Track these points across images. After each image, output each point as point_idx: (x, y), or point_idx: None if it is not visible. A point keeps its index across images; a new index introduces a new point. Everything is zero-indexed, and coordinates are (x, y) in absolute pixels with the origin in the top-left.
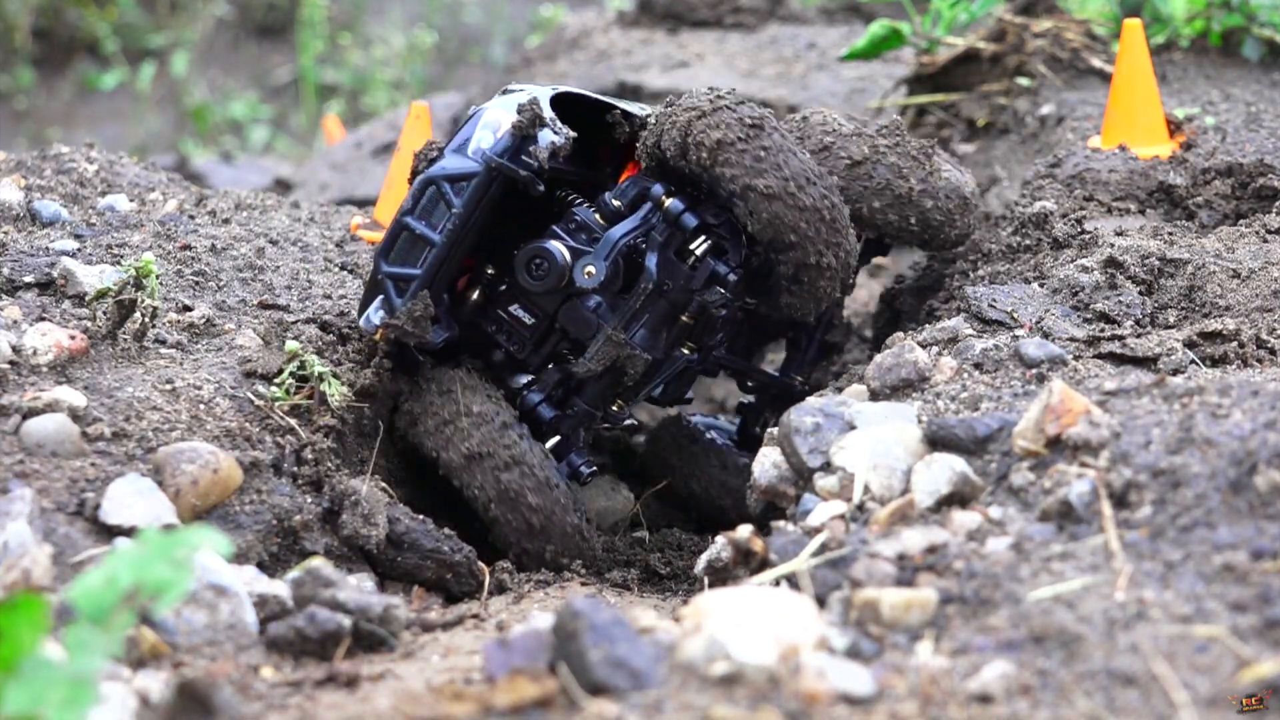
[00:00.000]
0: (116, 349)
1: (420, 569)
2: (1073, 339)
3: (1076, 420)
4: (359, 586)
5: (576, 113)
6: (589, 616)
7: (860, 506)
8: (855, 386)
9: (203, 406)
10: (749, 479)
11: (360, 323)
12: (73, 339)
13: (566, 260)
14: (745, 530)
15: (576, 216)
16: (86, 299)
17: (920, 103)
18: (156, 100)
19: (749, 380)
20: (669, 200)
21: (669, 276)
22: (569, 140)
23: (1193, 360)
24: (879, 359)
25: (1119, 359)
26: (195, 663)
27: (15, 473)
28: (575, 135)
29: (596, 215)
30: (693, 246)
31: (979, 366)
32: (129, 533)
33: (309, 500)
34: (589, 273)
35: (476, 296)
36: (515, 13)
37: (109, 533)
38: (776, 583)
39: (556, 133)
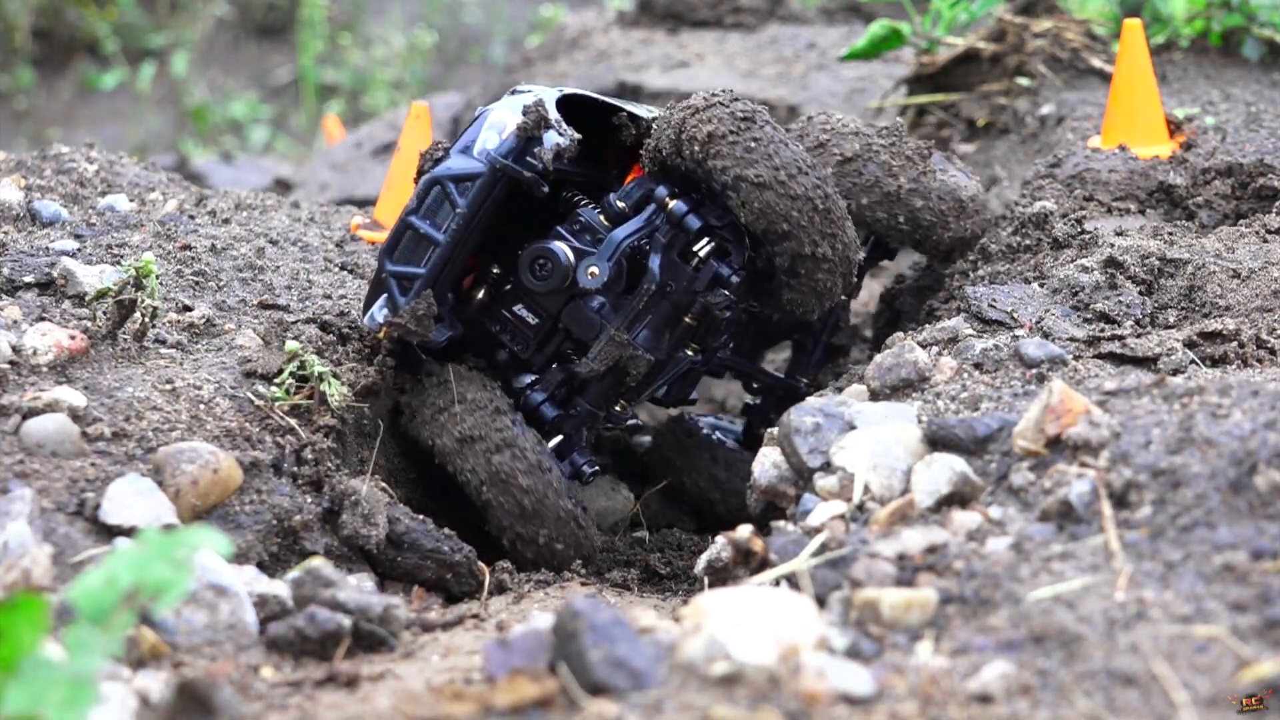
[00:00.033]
0: (116, 349)
1: (420, 569)
2: (1073, 339)
3: (1076, 420)
4: (359, 586)
5: (583, 115)
6: (589, 616)
7: (860, 506)
8: (855, 386)
9: (203, 406)
10: (749, 479)
11: (364, 320)
12: (73, 339)
13: (570, 261)
14: (745, 530)
15: (581, 217)
16: (86, 299)
17: (920, 103)
18: (156, 100)
19: (754, 382)
20: (673, 202)
21: (672, 278)
22: (574, 142)
23: (1193, 360)
24: (879, 359)
25: (1119, 359)
26: (195, 663)
27: (15, 473)
28: (580, 137)
29: (601, 216)
30: (696, 248)
31: (979, 366)
32: (129, 533)
33: (309, 500)
34: (592, 273)
35: (482, 296)
36: (515, 13)
37: (109, 533)
38: (776, 583)
39: (561, 134)
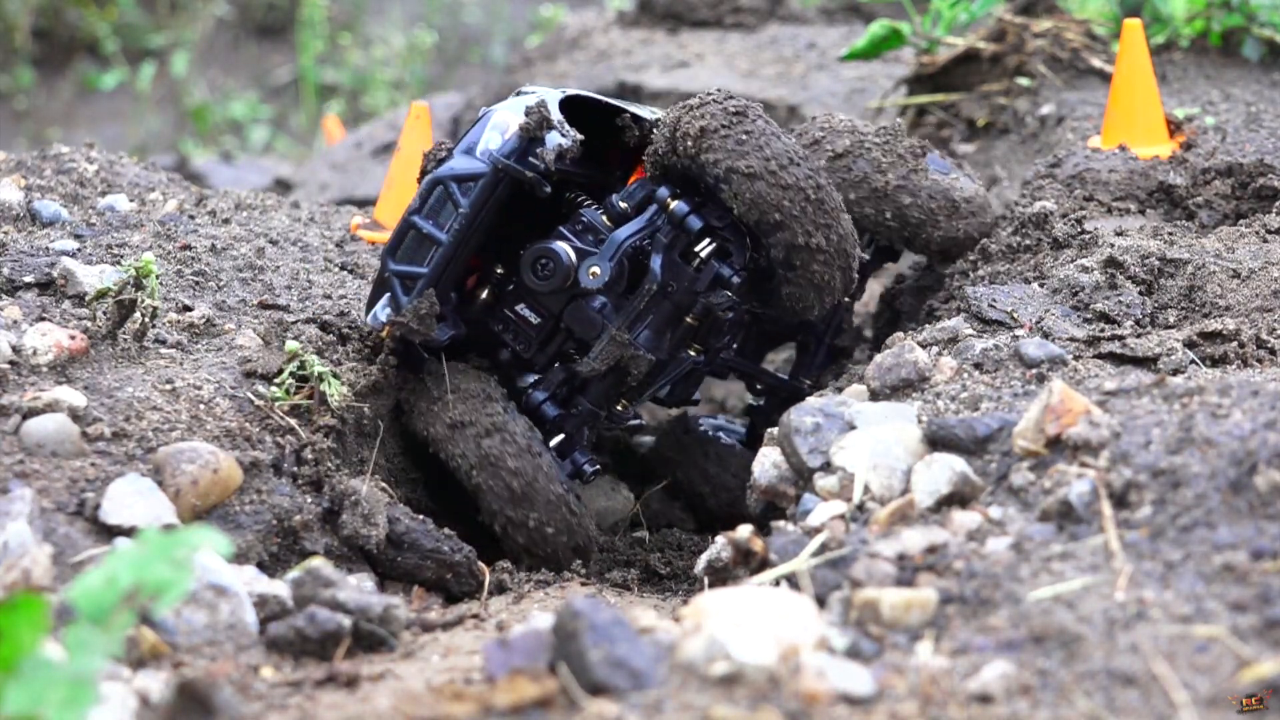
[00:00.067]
0: (116, 349)
1: (420, 569)
2: (1073, 339)
3: (1076, 420)
4: (359, 586)
5: (586, 116)
6: (589, 616)
7: (860, 506)
8: (855, 386)
9: (203, 406)
10: (749, 479)
11: (367, 319)
12: (73, 339)
13: (572, 261)
14: (745, 530)
15: (583, 217)
16: (86, 299)
17: (920, 103)
18: (156, 100)
19: (758, 383)
20: (674, 203)
21: (673, 278)
22: (576, 143)
23: (1193, 360)
24: (879, 359)
25: (1119, 359)
26: (195, 663)
27: (15, 473)
28: (583, 138)
29: (603, 216)
30: (698, 249)
31: (979, 366)
32: (129, 533)
33: (309, 500)
34: (594, 273)
35: (485, 295)
36: (515, 13)
37: (109, 533)
38: (776, 583)
39: (564, 135)
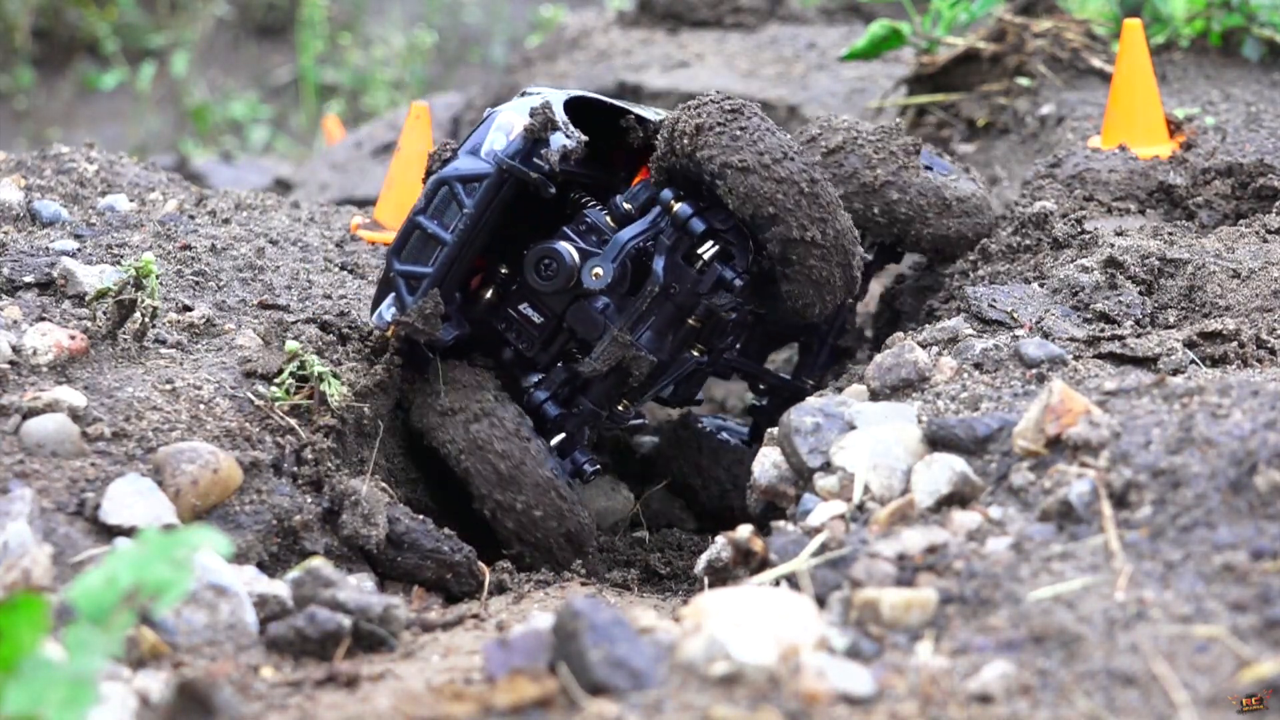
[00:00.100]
0: (116, 349)
1: (420, 569)
2: (1073, 339)
3: (1076, 420)
4: (359, 586)
5: (591, 117)
6: (589, 616)
7: (860, 506)
8: (855, 386)
9: (203, 406)
10: (749, 479)
11: (372, 319)
12: (73, 339)
13: (575, 261)
14: (745, 530)
15: (587, 218)
16: (86, 299)
17: (920, 103)
18: (156, 100)
19: (761, 383)
20: (678, 205)
21: (676, 280)
22: (580, 144)
23: (1193, 360)
24: (879, 359)
25: (1119, 359)
26: (195, 663)
27: (15, 473)
28: (587, 139)
29: (607, 217)
30: (700, 251)
31: (979, 366)
32: (129, 533)
33: (309, 500)
34: (596, 274)
35: (490, 295)
36: (515, 13)
37: (109, 533)
38: (776, 583)
39: (568, 136)
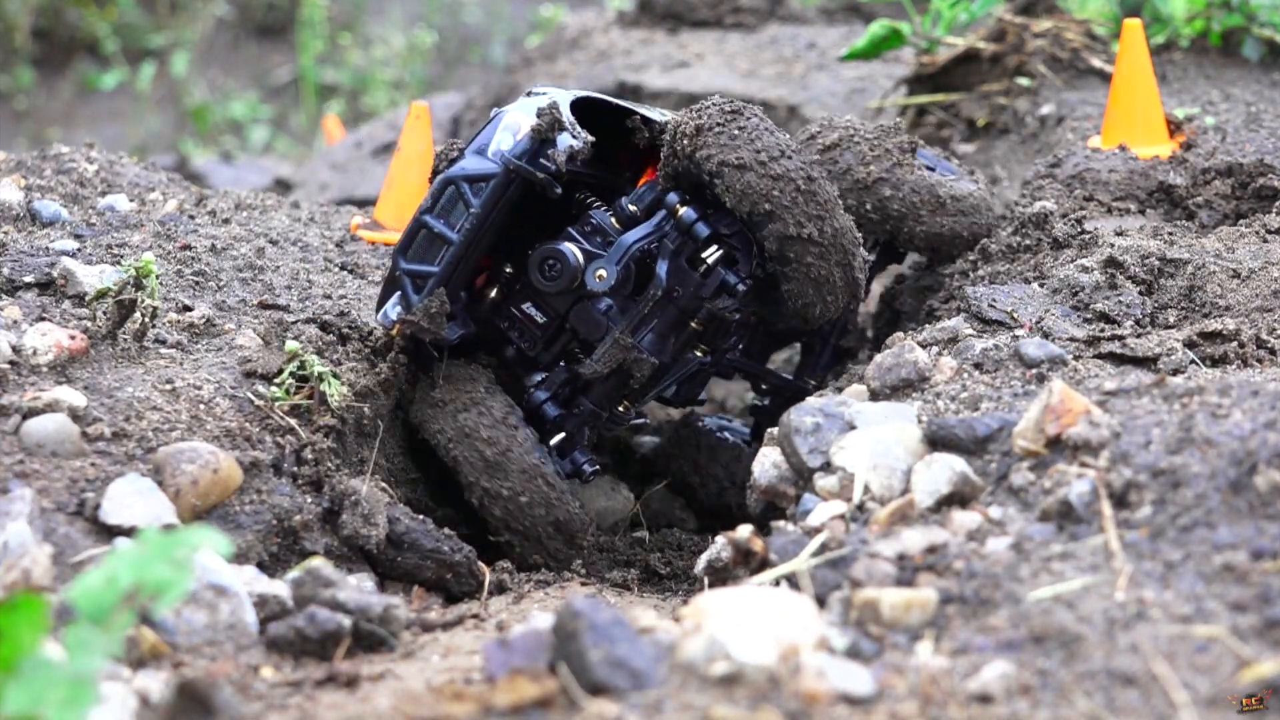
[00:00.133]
0: (116, 349)
1: (420, 569)
2: (1073, 339)
3: (1076, 420)
4: (359, 586)
5: (597, 117)
6: (589, 616)
7: (860, 506)
8: (855, 386)
9: (203, 406)
10: (749, 479)
11: (377, 318)
12: (73, 339)
13: (579, 262)
14: (745, 530)
15: (592, 219)
16: (86, 299)
17: (920, 103)
18: (156, 100)
19: (763, 383)
20: (683, 209)
21: (679, 284)
22: (587, 144)
23: (1193, 360)
24: (879, 359)
25: (1119, 359)
26: (195, 663)
27: (15, 473)
28: (593, 140)
29: (612, 219)
30: (704, 255)
31: (979, 366)
32: (129, 533)
33: (309, 500)
34: (600, 276)
35: (495, 294)
36: (515, 13)
37: (109, 533)
38: (776, 583)
39: (575, 137)
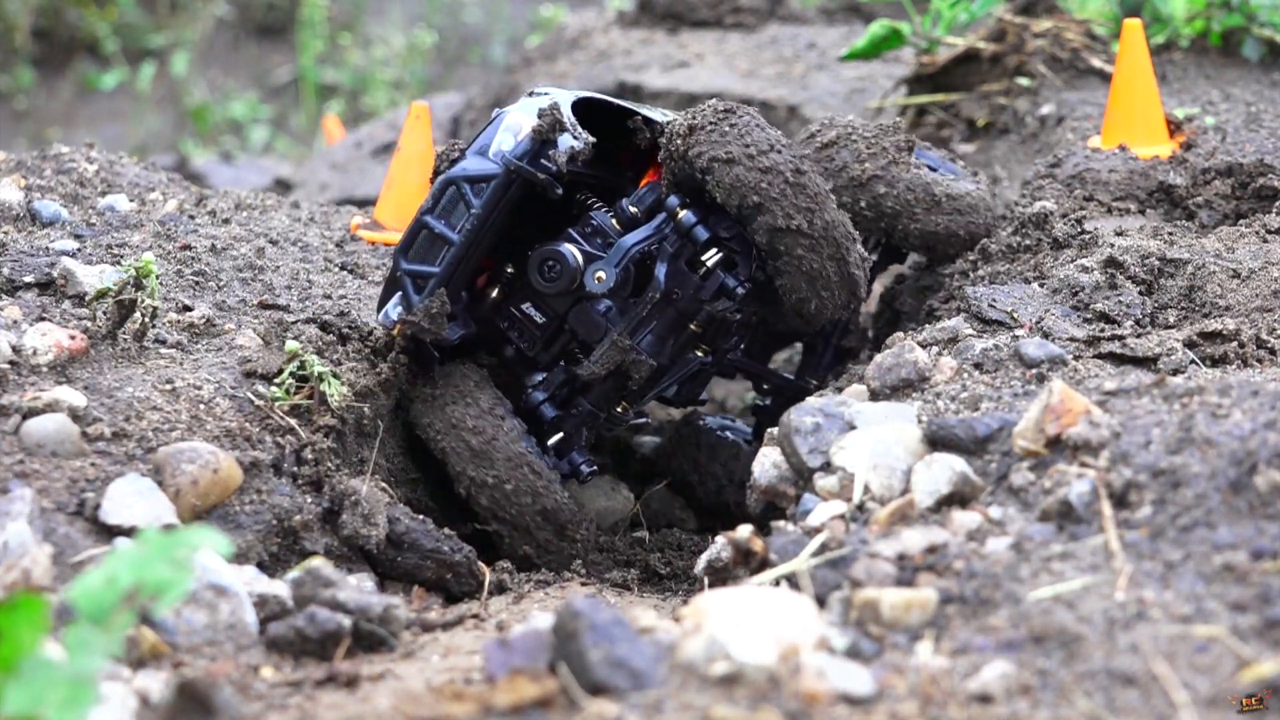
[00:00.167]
0: (116, 349)
1: (420, 569)
2: (1073, 339)
3: (1076, 420)
4: (359, 586)
5: (598, 118)
6: (589, 616)
7: (860, 506)
8: (855, 386)
9: (203, 406)
10: (750, 479)
11: (378, 318)
12: (73, 339)
13: (578, 264)
14: (745, 530)
15: (593, 221)
16: (86, 299)
17: (920, 103)
18: (156, 100)
19: (764, 383)
20: (683, 212)
21: (678, 286)
22: (588, 145)
23: (1193, 360)
24: (879, 359)
25: (1119, 359)
26: (195, 663)
27: (15, 473)
28: (594, 140)
29: (613, 220)
30: (704, 258)
31: (979, 366)
32: (129, 533)
33: (309, 500)
34: (599, 278)
35: (495, 294)
36: (515, 13)
37: (109, 533)
38: (776, 583)
39: (576, 138)
